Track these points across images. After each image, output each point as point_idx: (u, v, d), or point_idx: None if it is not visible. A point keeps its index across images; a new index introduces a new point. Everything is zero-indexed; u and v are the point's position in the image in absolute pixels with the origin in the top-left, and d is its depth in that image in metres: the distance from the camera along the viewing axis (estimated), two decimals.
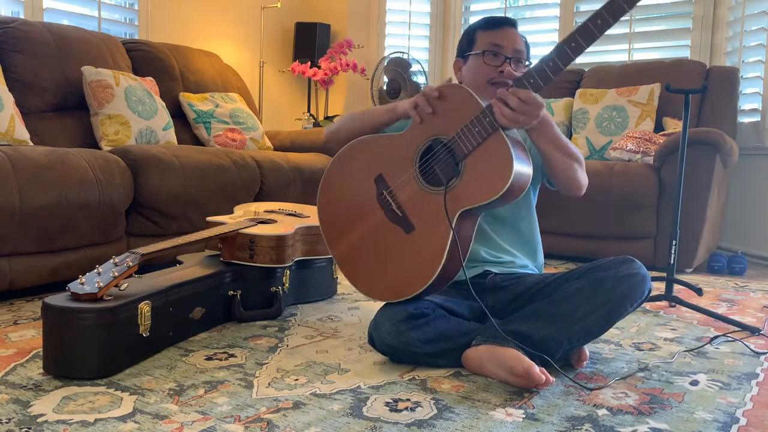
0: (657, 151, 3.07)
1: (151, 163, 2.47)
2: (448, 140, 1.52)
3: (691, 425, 1.25)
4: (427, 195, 1.55)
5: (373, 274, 1.61)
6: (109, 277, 1.50)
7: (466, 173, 1.49)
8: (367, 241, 1.63)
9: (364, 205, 1.64)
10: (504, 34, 1.70)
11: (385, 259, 1.59)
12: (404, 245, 1.56)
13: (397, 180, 1.60)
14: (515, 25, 1.73)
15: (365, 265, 1.63)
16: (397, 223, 1.58)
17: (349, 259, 1.66)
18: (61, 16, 3.31)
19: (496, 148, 1.46)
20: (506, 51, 1.68)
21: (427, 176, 1.57)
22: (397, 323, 1.54)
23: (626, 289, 1.53)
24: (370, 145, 1.66)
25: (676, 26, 3.95)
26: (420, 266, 1.53)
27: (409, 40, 4.65)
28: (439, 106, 1.54)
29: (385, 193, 1.61)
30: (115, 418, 1.22)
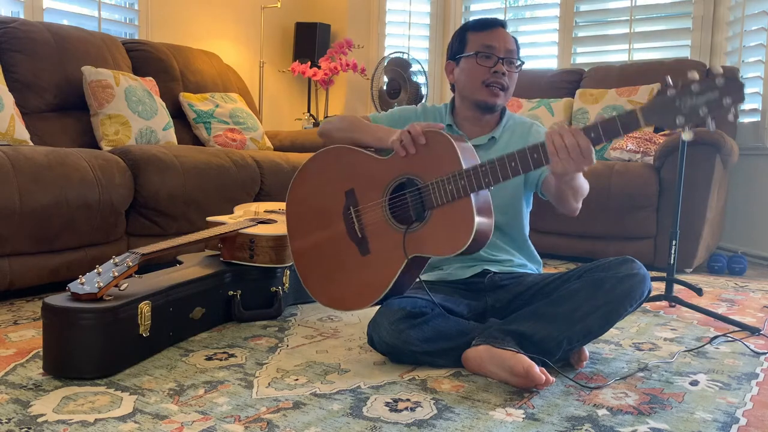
0: (657, 151, 3.07)
1: (151, 163, 2.47)
2: (421, 186, 1.53)
3: (691, 425, 1.25)
4: (389, 227, 1.58)
5: (321, 278, 1.67)
6: (109, 277, 1.50)
7: (431, 223, 1.52)
8: (324, 248, 1.68)
9: (330, 213, 1.67)
10: (495, 35, 1.70)
11: (336, 270, 1.65)
12: (356, 265, 1.62)
13: (366, 202, 1.62)
14: (505, 25, 1.74)
15: (317, 268, 1.68)
16: (355, 242, 1.62)
17: (305, 256, 1.71)
18: (61, 16, 3.31)
19: (463, 210, 1.48)
20: (498, 51, 1.69)
21: (393, 210, 1.58)
22: (395, 322, 1.54)
23: (626, 289, 1.53)
24: (352, 156, 1.67)
25: (676, 26, 3.95)
26: (363, 289, 1.60)
27: (409, 40, 4.65)
28: (423, 149, 1.54)
29: (352, 210, 1.63)
30: (115, 418, 1.22)
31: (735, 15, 3.70)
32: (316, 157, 1.72)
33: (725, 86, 1.22)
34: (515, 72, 1.73)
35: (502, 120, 1.79)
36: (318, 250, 1.69)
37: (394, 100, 4.29)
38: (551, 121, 3.63)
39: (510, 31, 1.75)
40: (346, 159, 1.67)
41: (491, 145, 1.76)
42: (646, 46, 4.07)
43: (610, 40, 4.12)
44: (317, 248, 1.69)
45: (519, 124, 1.82)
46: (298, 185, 1.74)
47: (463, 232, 1.46)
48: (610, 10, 4.14)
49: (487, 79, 1.69)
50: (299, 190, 1.74)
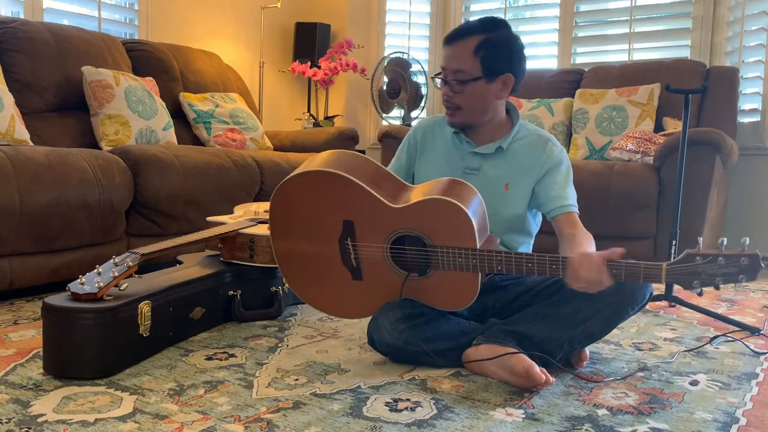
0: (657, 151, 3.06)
1: (151, 163, 2.47)
2: (429, 248, 1.51)
3: (691, 425, 1.25)
4: (388, 268, 1.57)
5: (306, 282, 1.66)
6: (109, 277, 1.50)
7: (433, 280, 1.55)
8: (312, 260, 1.63)
9: (323, 236, 1.60)
10: (446, 54, 1.70)
11: (323, 281, 1.64)
12: (347, 285, 1.62)
13: (366, 240, 1.57)
14: (464, 35, 1.66)
15: (304, 275, 1.66)
16: (348, 268, 1.60)
17: (290, 261, 1.66)
18: (61, 16, 3.31)
19: (468, 282, 1.51)
20: (446, 73, 1.69)
21: (395, 257, 1.56)
22: (396, 322, 1.54)
23: (628, 292, 1.53)
24: (358, 191, 1.55)
25: (676, 26, 3.95)
26: (350, 305, 1.64)
27: (409, 40, 4.65)
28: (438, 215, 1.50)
29: (349, 242, 1.58)
30: (115, 418, 1.22)
31: (735, 15, 3.70)
32: (319, 170, 1.57)
33: (746, 266, 1.28)
34: (460, 92, 1.65)
35: (512, 129, 1.73)
36: (305, 258, 1.63)
37: (394, 100, 4.28)
38: (551, 121, 3.63)
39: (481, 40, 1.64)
40: (352, 191, 1.55)
41: (498, 154, 1.71)
42: (646, 46, 4.06)
43: (610, 40, 4.11)
44: (304, 256, 1.63)
45: (533, 136, 1.74)
46: (292, 189, 1.60)
47: (464, 299, 1.53)
48: (610, 10, 4.13)
49: (442, 101, 1.71)
50: (293, 193, 1.60)
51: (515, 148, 1.72)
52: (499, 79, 1.66)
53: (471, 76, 1.64)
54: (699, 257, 1.32)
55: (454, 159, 1.74)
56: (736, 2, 3.65)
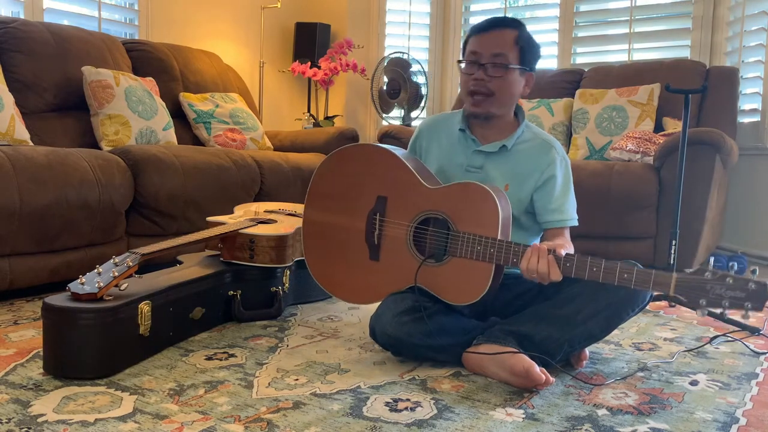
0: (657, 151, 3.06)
1: (151, 163, 2.47)
2: (452, 232, 1.56)
3: (691, 425, 1.25)
4: (407, 250, 1.62)
5: (322, 255, 1.72)
6: (109, 277, 1.50)
7: (447, 268, 1.57)
8: (336, 231, 1.71)
9: (355, 208, 1.69)
10: (483, 40, 1.66)
11: (339, 256, 1.70)
12: (361, 264, 1.66)
13: (394, 217, 1.64)
14: (505, 25, 1.66)
15: (324, 248, 1.73)
16: (369, 245, 1.66)
17: (315, 231, 1.74)
18: (61, 16, 3.31)
19: (481, 272, 1.53)
20: (483, 58, 1.64)
21: (416, 238, 1.61)
22: (398, 314, 1.54)
23: (628, 293, 1.53)
24: (401, 170, 1.66)
25: (676, 26, 3.95)
26: (359, 288, 1.67)
27: (409, 40, 4.65)
28: (469, 200, 1.57)
29: (378, 217, 1.65)
30: (115, 418, 1.22)
31: (735, 15, 3.70)
32: (376, 147, 1.72)
33: (752, 292, 1.28)
34: (500, 77, 1.64)
35: (518, 128, 1.72)
36: (330, 229, 1.72)
37: (394, 100, 4.28)
38: (551, 121, 3.63)
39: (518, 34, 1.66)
40: (396, 169, 1.67)
41: (502, 153, 1.70)
42: (646, 46, 4.07)
43: (610, 40, 4.11)
44: (330, 227, 1.72)
45: (538, 140, 1.73)
46: (343, 158, 1.73)
47: (473, 292, 1.54)
48: (610, 10, 4.13)
49: (470, 88, 1.67)
50: (342, 163, 1.73)
51: (519, 150, 1.71)
52: (526, 75, 1.70)
53: (511, 62, 1.65)
54: (709, 273, 1.33)
55: (458, 156, 1.74)
56: (736, 2, 3.65)
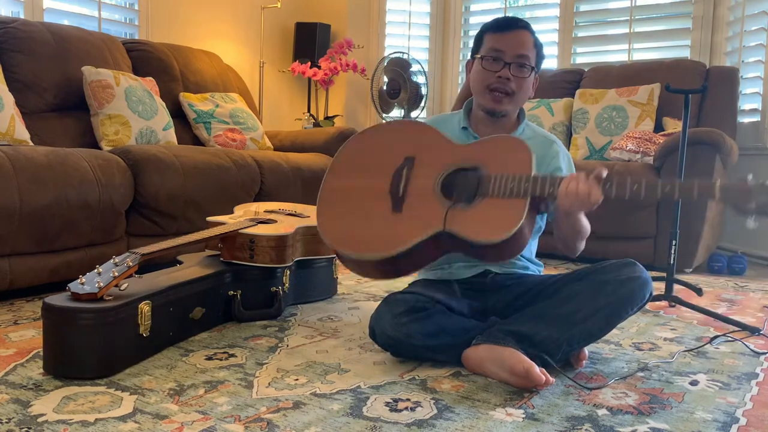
0: (657, 151, 3.07)
1: (151, 163, 2.47)
2: (483, 175, 1.54)
3: (691, 425, 1.25)
4: (433, 197, 1.57)
5: (340, 219, 1.65)
6: (109, 277, 1.50)
7: (477, 208, 1.52)
8: (358, 194, 1.66)
9: (380, 169, 1.66)
10: (507, 38, 1.66)
11: (358, 216, 1.63)
12: (382, 217, 1.60)
13: (421, 170, 1.62)
14: (525, 27, 1.68)
15: (341, 209, 1.66)
16: (392, 198, 1.61)
17: (333, 197, 1.69)
18: (61, 16, 3.31)
19: (513, 208, 1.49)
20: (507, 56, 1.65)
21: (444, 186, 1.58)
22: (398, 315, 1.54)
23: (627, 292, 1.53)
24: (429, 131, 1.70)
25: (676, 26, 3.95)
26: (378, 239, 1.56)
27: (409, 40, 4.65)
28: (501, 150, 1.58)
29: (405, 170, 1.63)
30: (115, 418, 1.22)
31: (735, 15, 3.70)
32: (406, 120, 1.79)
33: None
34: (524, 77, 1.66)
35: (519, 126, 1.75)
36: (351, 192, 1.67)
37: (394, 100, 4.28)
38: (551, 121, 3.63)
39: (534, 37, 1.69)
40: (425, 132, 1.70)
41: None
42: (646, 46, 4.07)
43: (610, 40, 4.12)
44: (351, 190, 1.68)
45: (539, 137, 1.76)
46: (369, 136, 1.76)
47: (505, 226, 1.46)
48: (610, 10, 4.14)
49: (492, 84, 1.66)
50: (372, 136, 1.76)
51: None
52: (536, 77, 1.72)
53: (532, 64, 1.68)
54: (752, 179, 1.34)
55: None
56: (736, 2, 3.65)
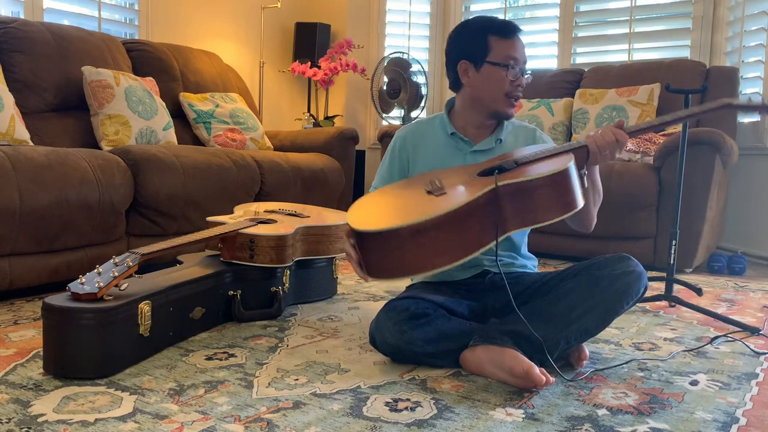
0: (657, 151, 3.07)
1: (151, 163, 2.47)
2: (519, 156, 1.56)
3: (691, 425, 1.25)
4: (472, 178, 1.52)
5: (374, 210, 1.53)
6: (109, 277, 1.50)
7: (524, 166, 1.50)
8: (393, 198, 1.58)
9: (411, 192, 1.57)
10: (517, 45, 1.70)
11: (394, 203, 1.54)
12: (422, 199, 1.47)
13: (452, 179, 1.55)
14: (520, 30, 1.72)
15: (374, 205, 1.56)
16: (432, 190, 1.49)
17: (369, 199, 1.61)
18: (61, 16, 3.31)
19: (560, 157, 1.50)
20: (520, 63, 1.69)
21: (482, 172, 1.55)
22: (399, 323, 1.54)
23: (622, 286, 1.53)
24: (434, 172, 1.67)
25: (676, 26, 3.95)
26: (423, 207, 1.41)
27: (409, 40, 4.65)
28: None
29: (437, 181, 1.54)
30: (115, 418, 1.22)
31: (735, 15, 3.70)
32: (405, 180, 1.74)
33: None
34: (527, 83, 1.73)
35: (501, 123, 1.79)
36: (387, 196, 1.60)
37: (394, 100, 4.28)
38: (551, 121, 3.63)
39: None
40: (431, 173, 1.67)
41: (498, 147, 1.76)
42: (646, 46, 4.07)
43: (610, 40, 4.12)
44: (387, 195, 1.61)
45: (521, 128, 1.82)
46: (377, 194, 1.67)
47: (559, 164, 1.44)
48: (610, 10, 4.14)
49: (510, 92, 1.69)
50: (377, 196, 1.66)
51: (510, 140, 1.78)
52: None
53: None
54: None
55: (453, 160, 1.75)
56: (736, 2, 3.65)
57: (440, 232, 1.36)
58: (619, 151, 1.56)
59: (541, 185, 1.42)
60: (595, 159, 1.55)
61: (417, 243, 1.36)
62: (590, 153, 1.54)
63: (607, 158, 1.56)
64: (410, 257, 1.38)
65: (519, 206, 1.42)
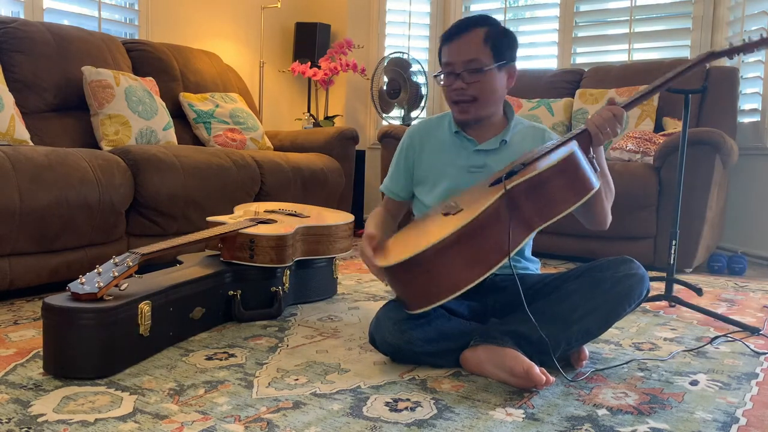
0: (657, 151, 3.06)
1: (151, 163, 2.47)
2: (527, 157, 1.56)
3: (691, 425, 1.25)
4: (485, 189, 1.53)
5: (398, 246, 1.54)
6: (109, 277, 1.50)
7: (531, 165, 1.49)
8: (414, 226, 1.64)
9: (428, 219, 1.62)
10: (452, 49, 1.66)
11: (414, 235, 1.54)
12: (439, 221, 1.50)
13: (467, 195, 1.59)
14: (470, 27, 1.65)
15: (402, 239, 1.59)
16: (447, 213, 1.51)
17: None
18: (61, 16, 3.31)
19: (565, 147, 1.50)
20: (456, 67, 1.65)
21: (494, 182, 1.55)
22: (398, 322, 1.54)
23: (624, 289, 1.53)
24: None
25: (676, 26, 3.95)
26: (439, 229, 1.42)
27: (409, 40, 4.65)
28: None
29: (453, 201, 1.57)
30: (115, 418, 1.22)
31: (735, 15, 3.70)
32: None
33: None
34: (478, 81, 1.64)
35: (510, 122, 1.76)
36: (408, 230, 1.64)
37: (394, 100, 4.29)
38: (551, 121, 3.63)
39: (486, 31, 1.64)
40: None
41: (502, 148, 1.72)
42: (646, 46, 4.07)
43: (610, 40, 4.11)
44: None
45: (530, 128, 1.78)
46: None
47: (563, 153, 1.44)
48: (610, 10, 4.14)
49: (453, 98, 1.68)
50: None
51: (517, 141, 1.75)
52: (506, 69, 1.70)
53: (484, 64, 1.64)
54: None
55: (457, 159, 1.74)
56: (736, 2, 3.65)
57: (462, 247, 1.40)
58: (619, 126, 1.58)
59: (552, 175, 1.43)
60: (598, 139, 1.56)
61: (443, 263, 1.40)
62: (592, 135, 1.56)
63: (609, 135, 1.57)
64: (440, 278, 1.41)
65: (536, 202, 1.44)
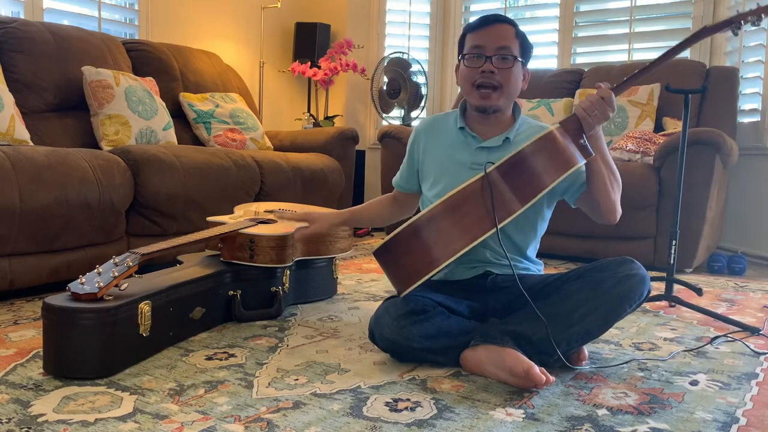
0: (657, 151, 3.06)
1: (151, 163, 2.47)
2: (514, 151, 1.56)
3: (691, 425, 1.25)
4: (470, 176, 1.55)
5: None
6: (109, 277, 1.50)
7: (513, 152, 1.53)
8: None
9: None
10: (485, 34, 1.67)
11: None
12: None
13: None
14: (504, 21, 1.69)
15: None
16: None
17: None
18: (61, 16, 3.31)
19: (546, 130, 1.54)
20: (487, 50, 1.66)
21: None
22: (397, 318, 1.54)
23: (625, 289, 1.53)
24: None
25: (676, 26, 3.95)
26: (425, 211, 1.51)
27: (409, 40, 4.65)
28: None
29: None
30: (115, 418, 1.22)
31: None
32: None
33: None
34: (508, 68, 1.66)
35: (516, 121, 1.75)
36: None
37: (394, 100, 4.29)
38: (551, 121, 3.63)
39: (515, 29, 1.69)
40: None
41: (506, 146, 1.71)
42: (646, 46, 4.07)
43: (610, 40, 4.11)
44: None
45: (536, 128, 1.77)
46: None
47: (545, 131, 1.51)
48: (610, 10, 4.14)
49: (476, 81, 1.67)
50: None
51: (518, 140, 1.73)
52: (524, 70, 1.73)
53: (515, 54, 1.68)
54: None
55: (461, 155, 1.74)
56: (736, 2, 3.65)
57: (440, 222, 1.48)
58: (610, 109, 1.56)
59: (530, 153, 1.51)
60: (587, 122, 1.56)
61: (420, 241, 1.48)
62: (580, 118, 1.56)
63: (599, 118, 1.56)
64: (420, 254, 1.48)
65: (516, 181, 1.50)
